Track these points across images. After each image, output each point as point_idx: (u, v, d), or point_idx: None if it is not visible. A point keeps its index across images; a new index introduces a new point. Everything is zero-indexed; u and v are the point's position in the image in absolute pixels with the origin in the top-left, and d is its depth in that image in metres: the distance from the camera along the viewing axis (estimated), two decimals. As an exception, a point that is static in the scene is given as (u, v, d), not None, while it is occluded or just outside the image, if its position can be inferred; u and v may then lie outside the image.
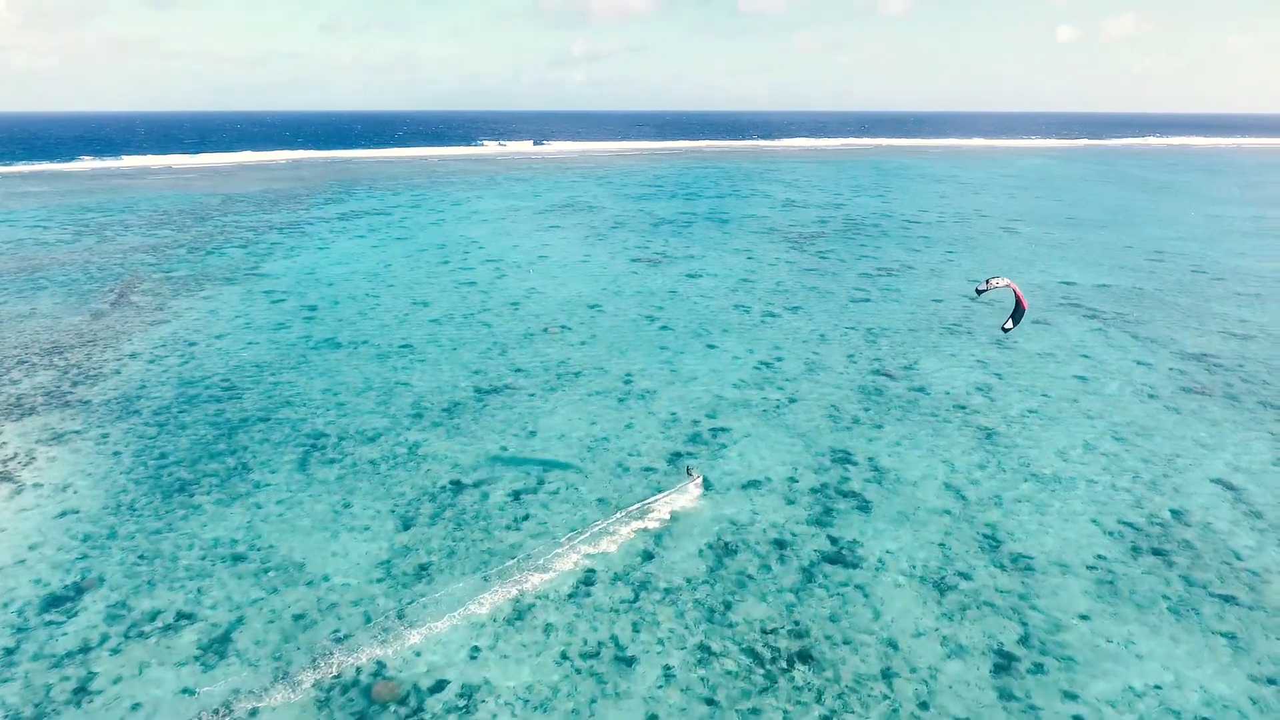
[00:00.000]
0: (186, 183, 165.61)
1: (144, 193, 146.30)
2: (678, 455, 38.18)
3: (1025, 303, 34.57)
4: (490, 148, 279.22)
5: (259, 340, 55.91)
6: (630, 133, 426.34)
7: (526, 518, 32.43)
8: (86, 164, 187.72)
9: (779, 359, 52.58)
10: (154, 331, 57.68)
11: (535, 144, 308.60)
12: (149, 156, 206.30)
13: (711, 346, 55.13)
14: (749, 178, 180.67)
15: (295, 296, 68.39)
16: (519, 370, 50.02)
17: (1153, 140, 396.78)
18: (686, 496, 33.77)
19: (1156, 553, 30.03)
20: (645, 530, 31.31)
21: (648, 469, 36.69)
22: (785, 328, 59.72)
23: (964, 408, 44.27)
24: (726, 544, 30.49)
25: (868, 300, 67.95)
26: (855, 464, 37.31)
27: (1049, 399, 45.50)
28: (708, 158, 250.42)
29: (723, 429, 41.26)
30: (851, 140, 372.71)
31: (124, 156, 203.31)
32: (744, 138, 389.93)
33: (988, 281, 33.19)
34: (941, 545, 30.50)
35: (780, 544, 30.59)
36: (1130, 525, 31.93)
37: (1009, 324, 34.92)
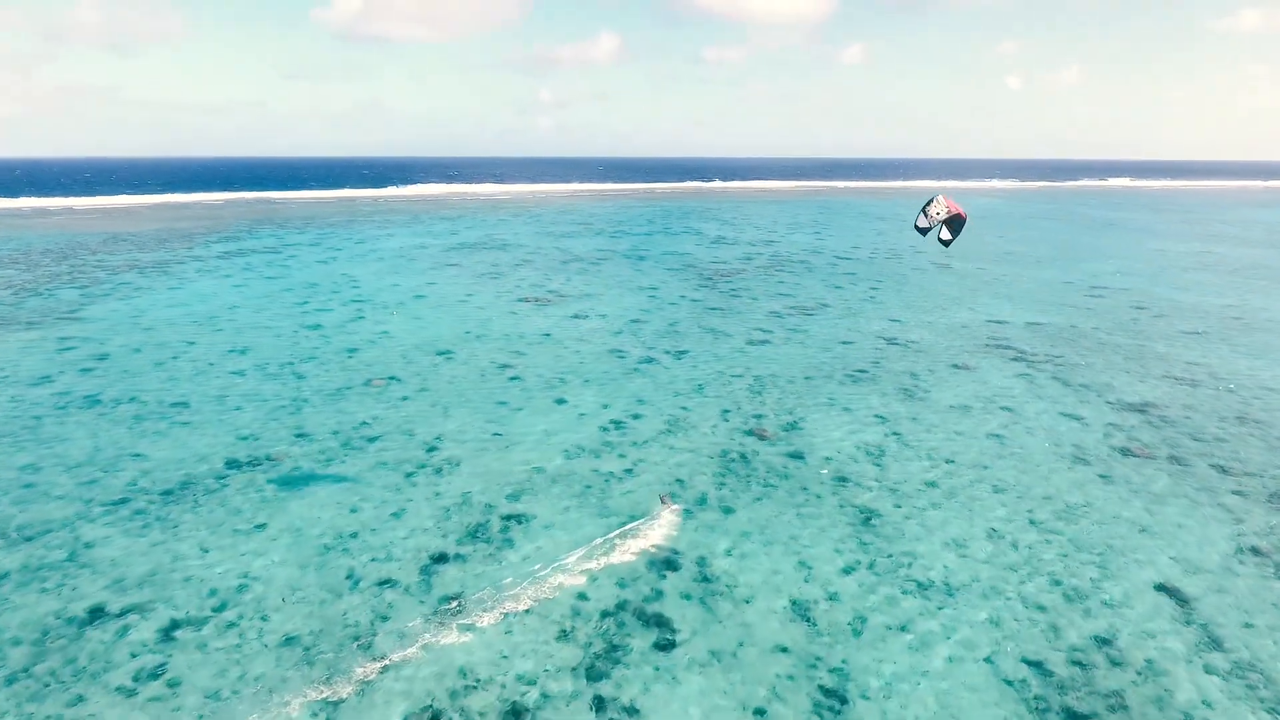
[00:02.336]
0: (83, 223, 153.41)
1: (23, 233, 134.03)
2: (441, 559, 27.88)
3: (963, 211, 29.65)
4: (431, 188, 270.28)
5: (-1, 399, 44.78)
6: (588, 176, 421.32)
7: (157, 674, 21.78)
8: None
9: (637, 415, 42.80)
10: (-127, 389, 46.27)
11: (491, 185, 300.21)
12: (49, 198, 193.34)
13: (561, 401, 45.24)
14: (686, 216, 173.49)
15: (93, 344, 57.33)
16: (302, 435, 39.56)
17: (1109, 182, 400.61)
18: (655, 530, 26.32)
19: (1074, 719, 20.24)
20: (324, 700, 20.79)
21: (384, 583, 26.29)
22: (660, 376, 50.10)
23: (846, 480, 34.66)
24: (435, 717, 20.07)
25: (767, 343, 58.77)
26: (678, 568, 27.28)
27: (954, 467, 36.11)
28: (654, 198, 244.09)
29: (520, 517, 31.09)
30: (803, 182, 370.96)
31: (21, 198, 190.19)
32: (700, 180, 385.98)
33: (925, 213, 29.03)
34: (758, 713, 20.41)
35: (517, 714, 20.26)
36: (1039, 667, 22.19)
37: (945, 234, 30.09)
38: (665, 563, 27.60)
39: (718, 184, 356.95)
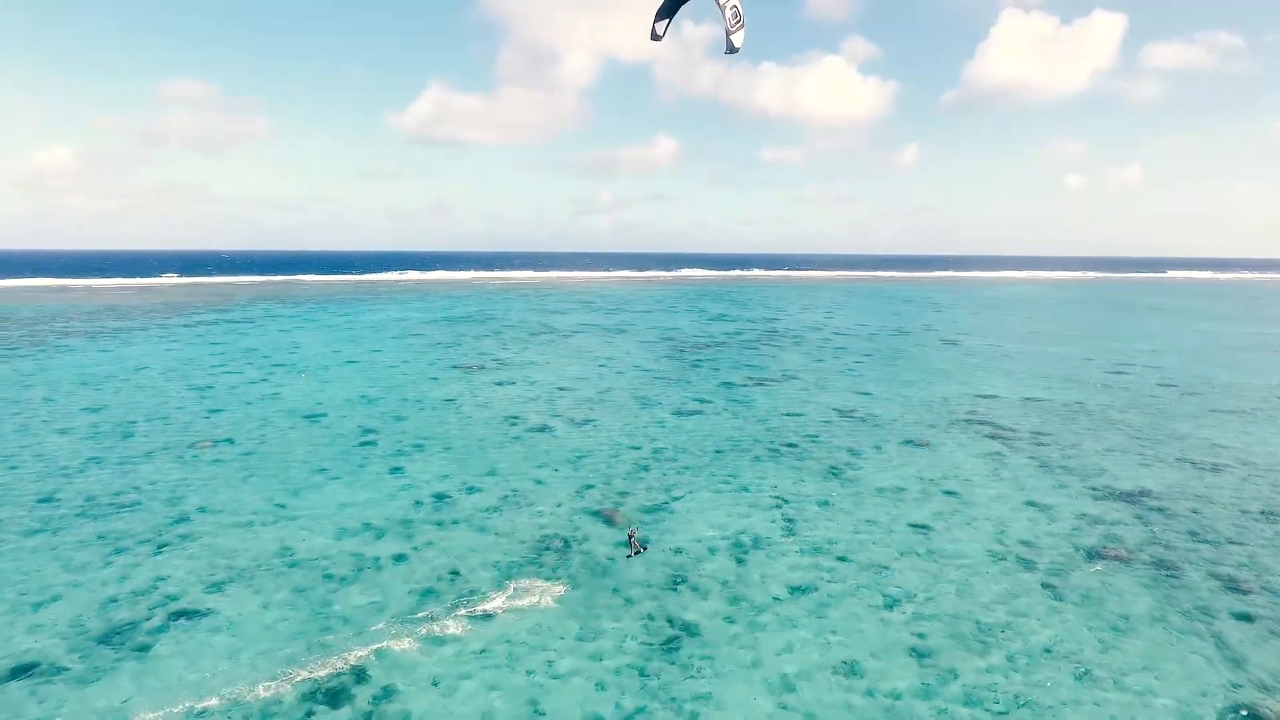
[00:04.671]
0: (92, 298, 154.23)
1: (25, 305, 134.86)
2: (22, 671, 19.35)
3: None
4: (456, 274, 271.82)
5: None
6: (635, 268, 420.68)
7: None
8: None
9: (473, 489, 34.23)
10: None
11: (521, 270, 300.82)
12: (79, 279, 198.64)
13: (396, 470, 37.05)
14: (700, 297, 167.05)
15: (-51, 400, 51.81)
16: (45, 500, 32.15)
17: (1168, 274, 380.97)
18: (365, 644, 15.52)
19: None
20: None
21: (-111, 710, 17.83)
22: (540, 445, 41.57)
23: (681, 581, 25.20)
24: None
25: (698, 413, 49.79)
26: (341, 702, 18.17)
27: (842, 567, 26.30)
28: (678, 282, 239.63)
29: (198, 614, 22.51)
30: (846, 272, 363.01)
31: (49, 278, 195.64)
32: (741, 270, 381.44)
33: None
34: None
35: None
36: None
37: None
38: (330, 696, 18.54)
39: (756, 272, 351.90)
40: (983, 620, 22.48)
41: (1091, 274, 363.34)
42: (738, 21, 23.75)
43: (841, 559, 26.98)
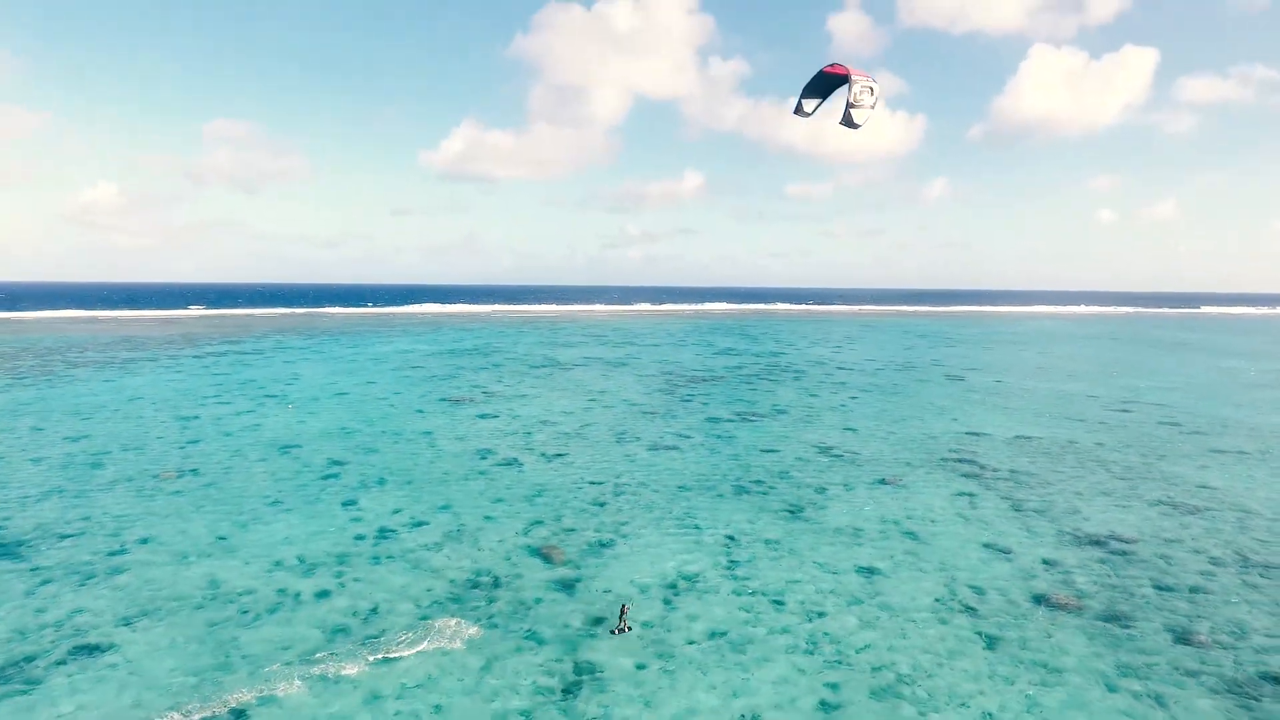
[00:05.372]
0: (113, 328, 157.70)
1: (48, 335, 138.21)
2: (-100, 709, 19.06)
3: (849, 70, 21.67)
4: (476, 307, 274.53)
5: None
6: (659, 301, 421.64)
7: None
8: (21, 315, 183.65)
9: (420, 523, 33.76)
10: None
11: (541, 305, 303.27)
12: (107, 310, 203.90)
13: (349, 503, 36.75)
14: (713, 331, 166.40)
15: (-60, 429, 52.76)
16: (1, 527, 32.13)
17: (1203, 309, 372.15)
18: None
19: None
20: None
21: None
22: (503, 480, 41.07)
23: (601, 621, 24.32)
24: None
25: (673, 449, 48.98)
26: (206, 749, 17.52)
27: (776, 611, 25.27)
28: (697, 316, 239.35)
29: (97, 651, 22.16)
30: (870, 306, 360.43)
31: (78, 309, 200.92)
32: (763, 304, 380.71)
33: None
34: None
35: None
36: None
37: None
38: (201, 738, 17.92)
39: (780, 306, 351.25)
40: (906, 673, 21.29)
41: (1123, 309, 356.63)
42: (868, 99, 21.65)
43: (777, 603, 25.93)
